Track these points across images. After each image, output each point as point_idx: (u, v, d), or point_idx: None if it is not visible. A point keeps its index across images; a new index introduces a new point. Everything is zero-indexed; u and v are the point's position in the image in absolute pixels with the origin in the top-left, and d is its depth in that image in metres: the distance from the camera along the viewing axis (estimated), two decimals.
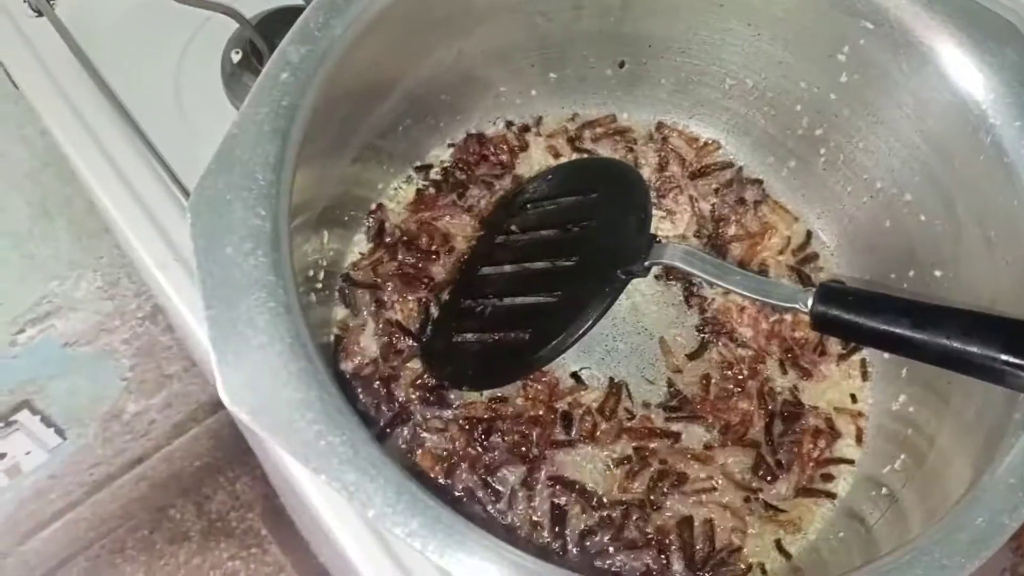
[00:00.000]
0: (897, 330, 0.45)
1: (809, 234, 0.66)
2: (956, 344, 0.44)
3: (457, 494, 0.56)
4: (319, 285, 0.56)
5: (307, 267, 0.54)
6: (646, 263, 0.54)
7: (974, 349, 0.44)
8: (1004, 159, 0.51)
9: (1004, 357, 0.43)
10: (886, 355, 0.61)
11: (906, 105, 0.56)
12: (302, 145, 0.47)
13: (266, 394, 0.40)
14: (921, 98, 0.55)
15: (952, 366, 0.45)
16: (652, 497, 0.57)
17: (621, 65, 0.66)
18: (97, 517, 1.43)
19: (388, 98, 0.58)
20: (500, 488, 0.57)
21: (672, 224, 0.66)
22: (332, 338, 0.59)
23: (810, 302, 0.47)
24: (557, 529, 0.56)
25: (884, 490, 0.55)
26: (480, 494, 0.56)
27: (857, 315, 0.46)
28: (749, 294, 0.50)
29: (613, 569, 0.56)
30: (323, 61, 0.49)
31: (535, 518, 0.56)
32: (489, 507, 0.56)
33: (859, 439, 0.60)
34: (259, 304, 0.42)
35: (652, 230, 0.66)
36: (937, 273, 0.57)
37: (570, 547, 0.56)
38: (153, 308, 1.20)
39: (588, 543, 0.56)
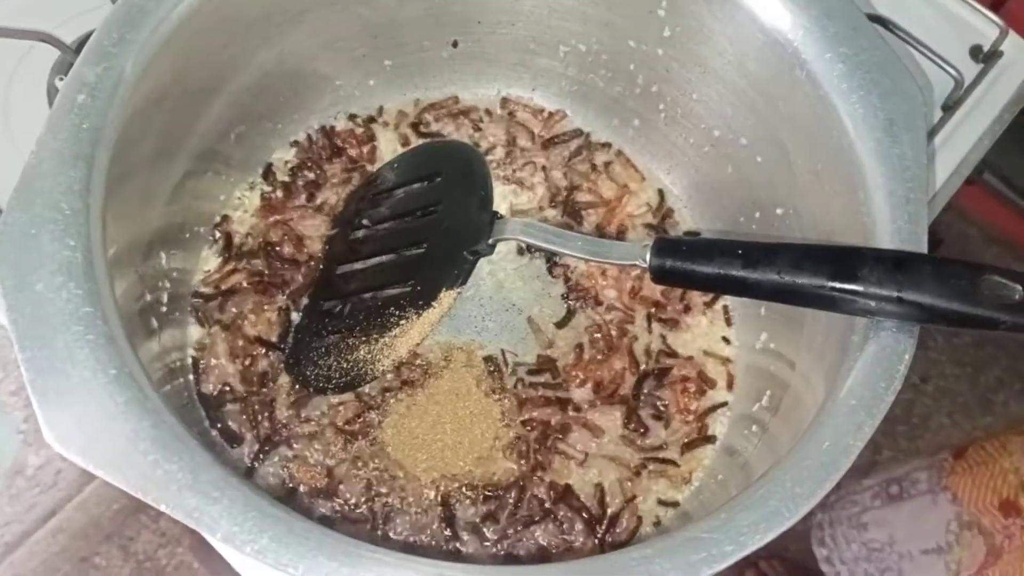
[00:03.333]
0: (731, 272, 0.46)
1: (662, 192, 0.67)
2: (787, 278, 0.45)
3: (343, 502, 0.55)
4: (163, 308, 0.54)
5: (143, 292, 0.52)
6: (490, 241, 0.53)
7: (804, 281, 0.45)
8: (820, 92, 0.52)
9: (831, 284, 0.44)
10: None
11: (727, 52, 0.57)
12: (111, 167, 0.45)
13: (96, 430, 0.39)
14: (738, 43, 0.56)
15: (787, 299, 0.47)
16: (537, 472, 0.57)
17: (455, 45, 0.66)
18: None
19: (211, 106, 0.56)
20: (388, 488, 0.56)
21: (528, 198, 0.66)
22: (190, 360, 0.57)
23: (648, 257, 0.48)
24: (449, 517, 0.55)
25: (755, 427, 0.57)
26: (368, 497, 0.55)
27: (692, 263, 0.47)
28: (591, 257, 0.50)
29: (512, 552, 0.56)
30: (123, 78, 0.47)
31: (426, 513, 0.56)
32: (379, 508, 0.55)
33: (730, 384, 0.61)
34: (77, 338, 0.40)
35: (509, 206, 0.66)
36: (779, 211, 0.58)
37: (465, 536, 0.55)
38: None
39: (485, 530, 0.56)
